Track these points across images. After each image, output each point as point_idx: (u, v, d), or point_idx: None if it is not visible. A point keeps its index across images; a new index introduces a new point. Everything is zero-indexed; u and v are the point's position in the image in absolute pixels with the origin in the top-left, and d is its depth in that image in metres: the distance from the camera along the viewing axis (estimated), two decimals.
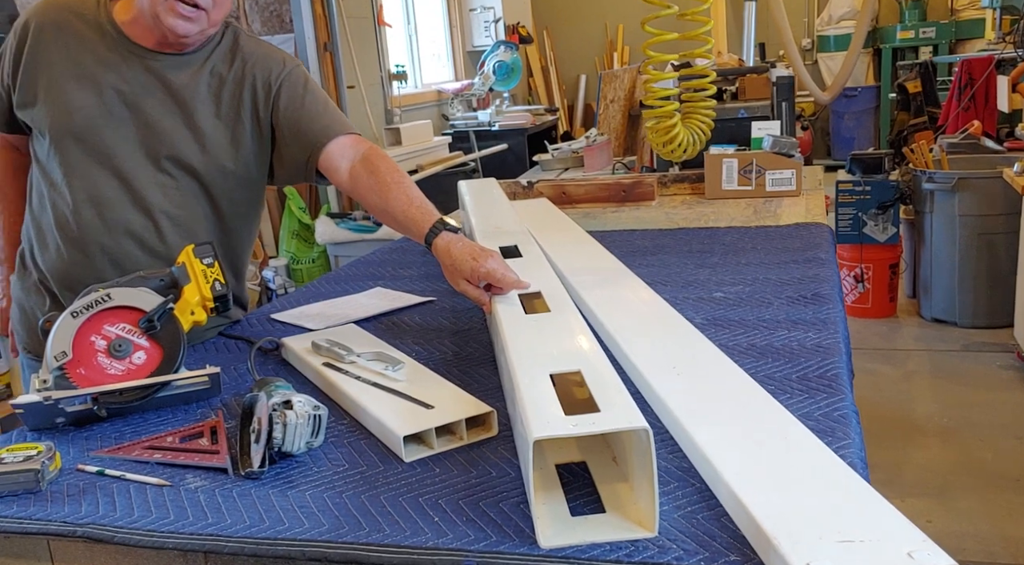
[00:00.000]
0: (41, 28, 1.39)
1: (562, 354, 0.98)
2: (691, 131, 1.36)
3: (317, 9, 4.91)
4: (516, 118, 6.17)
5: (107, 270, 1.40)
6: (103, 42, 1.40)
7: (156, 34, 1.39)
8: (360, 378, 1.16)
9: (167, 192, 1.42)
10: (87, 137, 1.38)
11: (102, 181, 1.39)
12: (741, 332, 1.31)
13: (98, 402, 1.10)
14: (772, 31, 6.36)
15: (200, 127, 1.42)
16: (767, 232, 1.96)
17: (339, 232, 4.85)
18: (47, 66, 1.38)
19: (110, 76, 1.39)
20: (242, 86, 1.45)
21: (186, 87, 1.41)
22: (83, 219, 1.40)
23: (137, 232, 1.41)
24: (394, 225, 1.41)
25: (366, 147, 1.46)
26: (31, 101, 1.39)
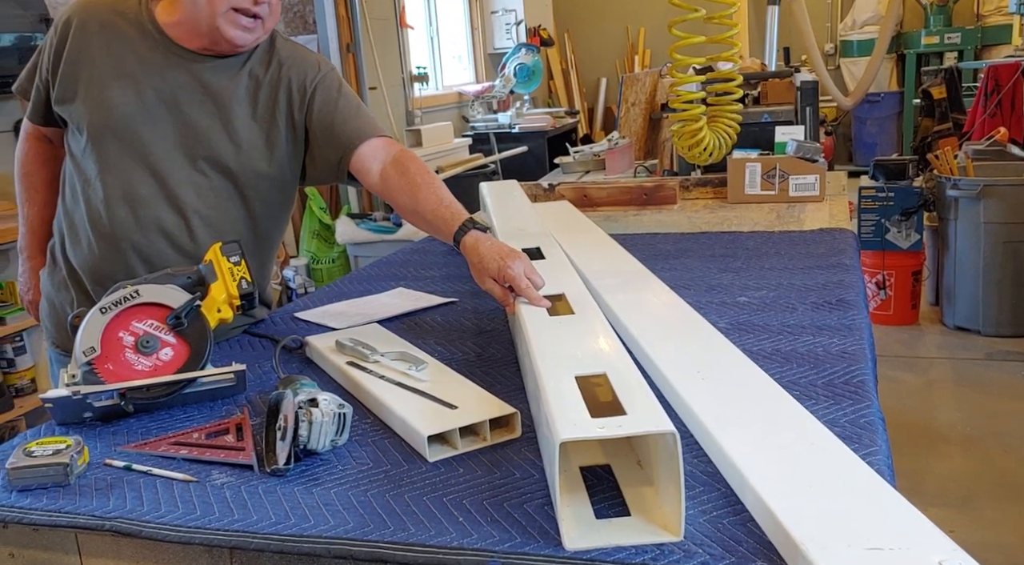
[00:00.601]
0: (83, 25, 1.40)
1: (587, 356, 0.98)
2: (717, 134, 1.36)
3: (340, 10, 4.94)
4: (536, 121, 6.17)
5: (138, 267, 1.41)
6: (144, 42, 1.41)
7: (205, 40, 1.39)
8: (384, 377, 1.16)
9: (201, 192, 1.43)
10: (124, 135, 1.39)
11: (137, 179, 1.40)
12: (765, 337, 1.31)
13: (125, 398, 1.11)
14: (795, 35, 6.33)
15: (236, 128, 1.43)
16: (791, 237, 1.95)
17: (359, 232, 4.87)
18: (88, 63, 1.40)
19: (150, 76, 1.40)
20: (278, 89, 1.46)
21: (224, 89, 1.42)
22: (116, 216, 1.41)
23: (169, 231, 1.42)
24: (423, 225, 1.42)
25: (397, 149, 1.48)
26: (70, 97, 1.41)
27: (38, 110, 1.49)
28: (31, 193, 1.59)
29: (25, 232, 1.62)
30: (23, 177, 1.59)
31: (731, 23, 1.42)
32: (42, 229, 1.60)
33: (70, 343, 1.45)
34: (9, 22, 2.79)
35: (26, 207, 1.60)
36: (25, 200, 1.60)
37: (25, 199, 1.60)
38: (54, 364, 1.59)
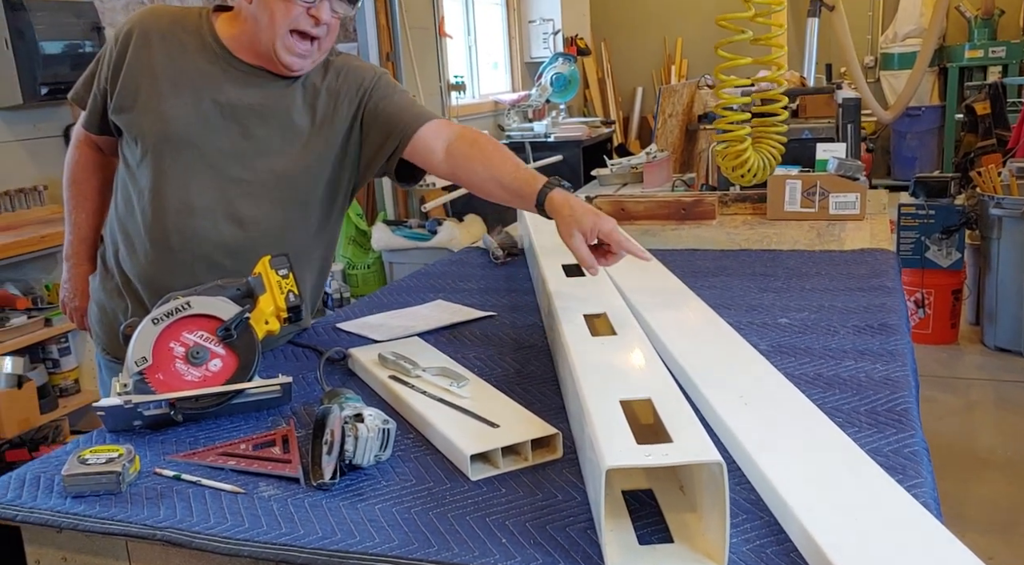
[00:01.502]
0: (145, 36, 1.43)
1: (631, 380, 0.98)
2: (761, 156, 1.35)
3: (381, 20, 4.99)
4: (572, 130, 6.18)
5: (196, 277, 1.39)
6: (204, 54, 1.43)
7: (263, 59, 1.42)
8: (426, 393, 1.18)
9: (259, 202, 1.45)
10: (182, 145, 1.41)
11: (195, 189, 1.42)
12: (807, 361, 1.30)
13: (175, 407, 1.14)
14: (834, 47, 6.27)
15: (294, 138, 1.45)
16: (831, 257, 1.93)
17: (394, 239, 4.91)
18: (148, 73, 1.42)
19: (209, 88, 1.42)
20: (336, 96, 1.48)
21: (282, 98, 1.45)
22: (174, 226, 1.43)
23: (226, 241, 1.44)
24: (500, 192, 1.41)
25: (460, 126, 1.49)
26: (128, 106, 1.43)
27: (94, 119, 1.51)
28: (80, 200, 1.61)
29: (72, 239, 1.63)
30: (72, 184, 1.60)
31: (777, 44, 1.42)
32: (91, 236, 1.62)
33: (120, 350, 1.48)
34: (62, 29, 2.87)
35: (74, 214, 1.62)
36: (74, 207, 1.62)
37: (74, 206, 1.61)
38: (103, 370, 1.62)
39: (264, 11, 1.36)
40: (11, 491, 1.02)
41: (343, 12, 1.39)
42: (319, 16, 1.35)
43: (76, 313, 1.69)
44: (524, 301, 1.74)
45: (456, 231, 4.84)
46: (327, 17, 1.36)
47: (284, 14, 1.35)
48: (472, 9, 6.45)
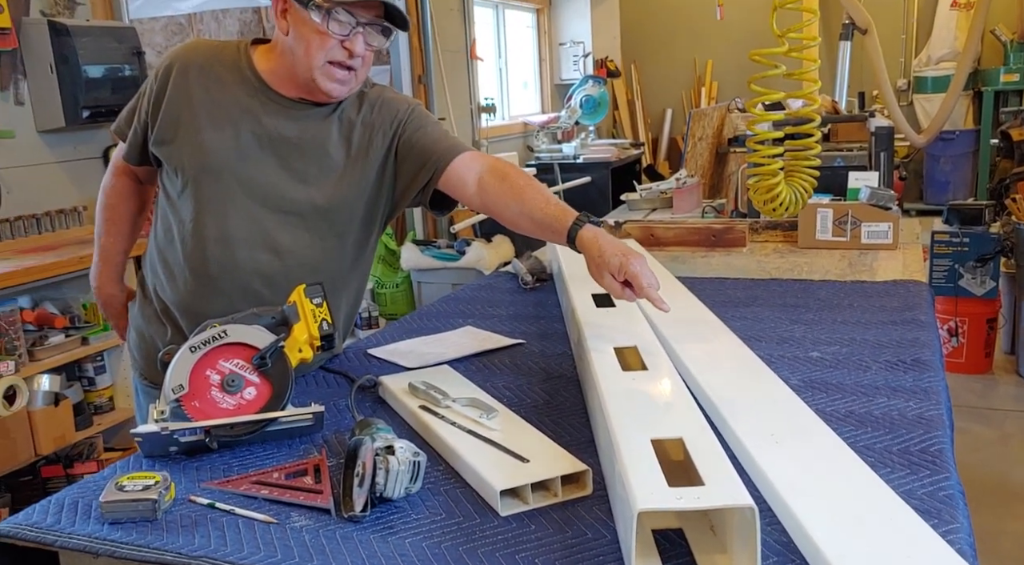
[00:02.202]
0: (185, 70, 1.46)
1: (662, 417, 0.98)
2: (793, 189, 1.35)
3: (414, 42, 5.05)
4: (601, 152, 6.20)
5: (233, 305, 1.41)
6: (243, 87, 1.46)
7: (302, 90, 1.45)
8: (456, 424, 1.19)
9: (296, 233, 1.47)
10: (222, 176, 1.44)
11: (234, 220, 1.45)
12: (839, 397, 1.29)
13: (210, 434, 1.16)
14: (866, 70, 6.24)
15: (331, 170, 1.48)
16: (863, 288, 1.92)
17: (423, 259, 4.95)
18: (188, 106, 1.45)
19: (247, 120, 1.45)
20: (371, 128, 1.50)
21: (319, 131, 1.48)
22: (213, 255, 1.45)
23: (264, 270, 1.46)
24: (531, 227, 1.42)
25: (491, 159, 1.50)
26: (169, 139, 1.46)
27: (133, 152, 1.55)
28: (110, 224, 1.64)
29: (98, 261, 1.67)
30: (106, 208, 1.64)
31: (811, 78, 1.42)
32: (116, 259, 1.66)
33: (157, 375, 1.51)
34: (104, 54, 2.94)
35: (103, 238, 1.65)
36: (104, 231, 1.65)
37: (104, 230, 1.65)
38: (140, 394, 1.64)
39: (300, 44, 1.39)
40: (50, 516, 1.04)
41: (377, 45, 1.42)
42: (353, 49, 1.38)
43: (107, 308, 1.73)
44: (553, 329, 1.74)
45: (484, 252, 4.87)
46: (361, 50, 1.39)
47: (320, 46, 1.38)
48: (503, 32, 6.51)
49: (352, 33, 1.37)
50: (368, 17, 1.38)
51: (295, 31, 1.39)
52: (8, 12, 2.72)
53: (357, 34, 1.38)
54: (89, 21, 2.99)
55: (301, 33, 1.38)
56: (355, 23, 1.37)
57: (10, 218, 2.76)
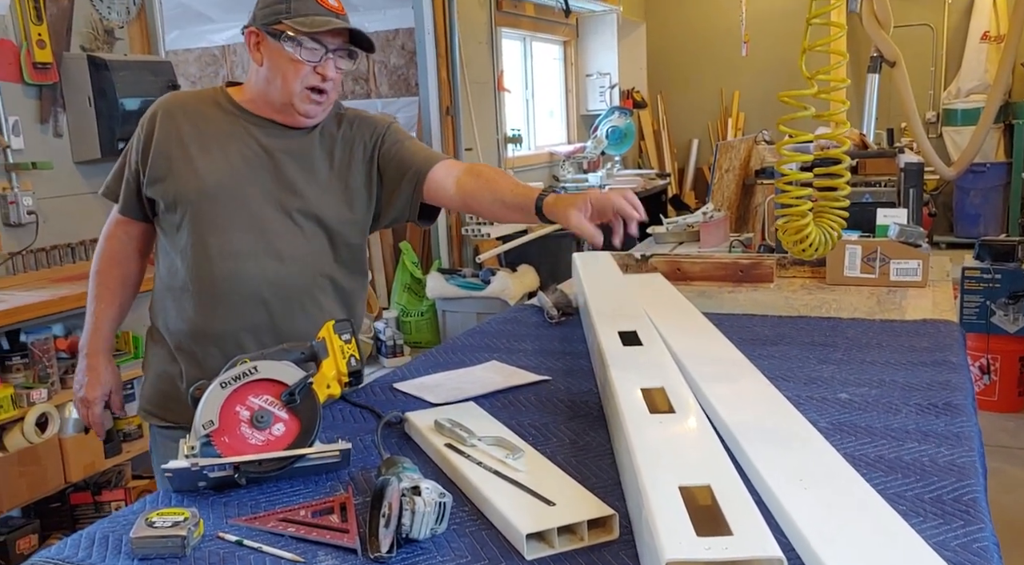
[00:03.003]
0: (170, 113, 1.57)
1: (690, 463, 0.98)
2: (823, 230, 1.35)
3: (442, 75, 5.12)
4: (627, 182, 6.22)
5: (243, 317, 1.53)
6: (225, 118, 1.58)
7: (278, 115, 1.57)
8: (482, 464, 1.19)
9: (295, 239, 1.57)
10: (220, 197, 1.53)
11: (237, 235, 1.53)
12: (868, 441, 1.28)
13: (239, 470, 1.17)
14: (894, 103, 6.21)
15: (319, 179, 1.58)
16: (892, 327, 1.90)
17: (448, 288, 4.97)
18: (178, 143, 1.55)
19: (235, 143, 1.56)
20: (352, 143, 1.62)
21: (302, 146, 1.58)
22: (220, 273, 1.53)
23: (271, 277, 1.55)
24: (506, 211, 1.55)
25: (466, 164, 1.65)
26: (163, 175, 1.54)
27: (130, 202, 1.62)
28: (101, 290, 1.65)
29: (89, 330, 1.65)
30: (96, 275, 1.66)
31: (840, 120, 1.43)
32: (106, 327, 1.65)
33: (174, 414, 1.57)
34: (140, 87, 3.01)
35: (94, 304, 1.65)
36: (95, 297, 1.65)
37: (95, 296, 1.65)
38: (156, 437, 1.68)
39: (277, 73, 1.51)
40: (81, 550, 1.06)
41: (345, 67, 1.55)
42: (325, 73, 1.51)
43: (82, 405, 1.66)
44: (579, 365, 1.74)
45: (509, 281, 4.88)
46: (332, 74, 1.52)
47: (295, 74, 1.50)
48: (531, 64, 6.58)
49: (323, 59, 1.50)
50: (336, 43, 1.51)
51: (270, 62, 1.52)
52: (50, 47, 2.80)
53: (327, 59, 1.50)
54: (127, 55, 3.07)
55: (276, 63, 1.51)
56: (325, 50, 1.49)
57: (46, 247, 2.81)
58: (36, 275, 2.76)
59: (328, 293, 1.63)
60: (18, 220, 2.71)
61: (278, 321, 1.57)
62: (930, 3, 7.26)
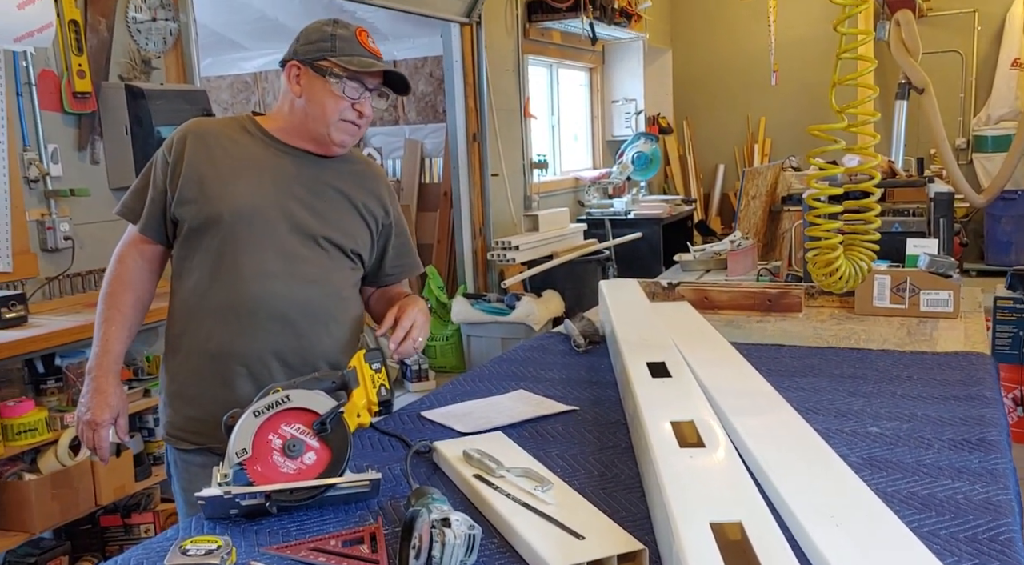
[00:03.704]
0: (200, 136, 1.61)
1: (721, 499, 0.98)
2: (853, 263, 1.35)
3: (470, 102, 5.17)
4: (653, 208, 6.22)
5: (271, 336, 1.57)
6: (257, 144, 1.63)
7: (311, 144, 1.63)
8: (510, 496, 1.19)
9: (323, 263, 1.62)
10: (254, 219, 1.57)
11: (268, 257, 1.57)
12: (900, 477, 1.26)
13: (270, 499, 1.18)
14: (922, 129, 6.18)
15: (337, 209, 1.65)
16: (923, 359, 1.88)
17: (473, 312, 4.98)
18: (210, 164, 1.59)
19: (265, 168, 1.61)
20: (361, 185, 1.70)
21: (324, 175, 1.65)
22: (251, 293, 1.56)
23: (300, 300, 1.59)
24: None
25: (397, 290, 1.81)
26: (194, 197, 1.57)
27: (152, 222, 1.62)
28: (112, 312, 1.60)
29: (97, 352, 1.60)
30: (107, 297, 1.62)
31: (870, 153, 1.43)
32: (116, 348, 1.60)
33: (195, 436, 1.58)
34: (176, 115, 3.06)
35: (103, 326, 1.60)
36: (104, 319, 1.60)
37: (105, 318, 1.60)
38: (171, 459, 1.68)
39: (316, 106, 1.58)
40: None
41: (379, 106, 1.68)
42: (363, 110, 1.60)
43: (88, 427, 1.59)
44: (606, 395, 1.74)
45: (534, 306, 4.88)
46: (369, 111, 1.61)
47: (335, 108, 1.58)
48: (557, 90, 6.63)
49: (361, 96, 1.58)
50: (374, 83, 1.59)
51: (309, 94, 1.58)
52: (90, 77, 2.87)
53: (365, 98, 1.59)
54: (163, 84, 3.14)
55: (317, 97, 1.58)
56: (364, 89, 1.58)
57: (82, 272, 2.87)
58: (71, 300, 2.81)
59: (351, 315, 1.68)
60: (55, 245, 2.77)
61: (304, 342, 1.60)
62: (959, 30, 7.23)
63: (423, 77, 5.87)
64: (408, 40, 5.72)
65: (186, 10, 3.26)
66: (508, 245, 5.17)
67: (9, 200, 2.64)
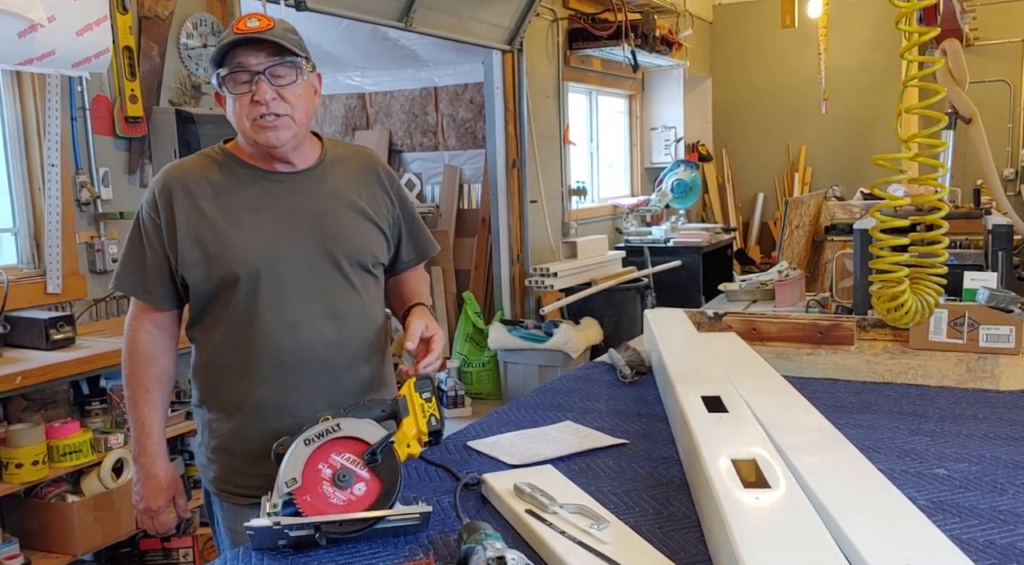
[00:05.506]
0: (181, 187, 1.49)
1: (793, 544, 0.93)
2: (919, 297, 1.30)
3: (510, 129, 5.19)
4: (692, 236, 6.16)
5: (311, 381, 1.51)
6: (238, 180, 1.51)
7: (267, 159, 1.51)
8: (565, 534, 1.15)
9: (346, 292, 1.56)
10: (266, 269, 1.49)
11: (291, 305, 1.50)
12: (975, 523, 1.20)
13: (320, 530, 1.16)
14: (969, 160, 6.06)
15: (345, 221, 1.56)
16: (987, 398, 1.81)
17: (510, 339, 4.96)
18: (203, 220, 1.48)
19: (259, 206, 1.50)
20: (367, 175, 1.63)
21: (319, 191, 1.55)
22: (283, 345, 1.50)
23: (330, 337, 1.53)
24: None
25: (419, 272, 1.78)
26: (198, 259, 1.48)
27: (161, 293, 1.52)
28: (140, 393, 1.54)
29: (137, 436, 1.54)
30: (130, 377, 1.54)
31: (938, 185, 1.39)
32: (155, 429, 1.54)
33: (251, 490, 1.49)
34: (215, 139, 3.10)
35: (135, 410, 1.54)
36: (134, 403, 1.54)
37: (134, 401, 1.54)
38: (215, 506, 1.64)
39: (232, 116, 1.48)
40: None
41: (287, 77, 1.44)
42: (261, 98, 1.42)
43: (147, 515, 1.57)
44: (656, 428, 1.70)
45: (572, 334, 4.84)
46: (268, 93, 1.42)
47: (239, 110, 1.45)
48: (596, 117, 6.63)
49: (254, 82, 1.42)
50: (261, 61, 1.42)
51: (228, 112, 1.48)
52: (141, 102, 2.92)
53: (259, 81, 1.42)
54: (212, 109, 3.19)
55: (230, 110, 1.47)
56: (250, 75, 1.42)
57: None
58: (116, 322, 2.84)
59: (383, 334, 1.63)
60: (103, 267, 2.81)
61: (344, 377, 1.56)
62: (1006, 59, 7.12)
63: (463, 103, 5.91)
64: (449, 67, 5.77)
65: None
66: (546, 272, 5.14)
67: (61, 222, 2.68)
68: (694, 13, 7.32)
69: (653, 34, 5.84)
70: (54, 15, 2.39)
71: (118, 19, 2.78)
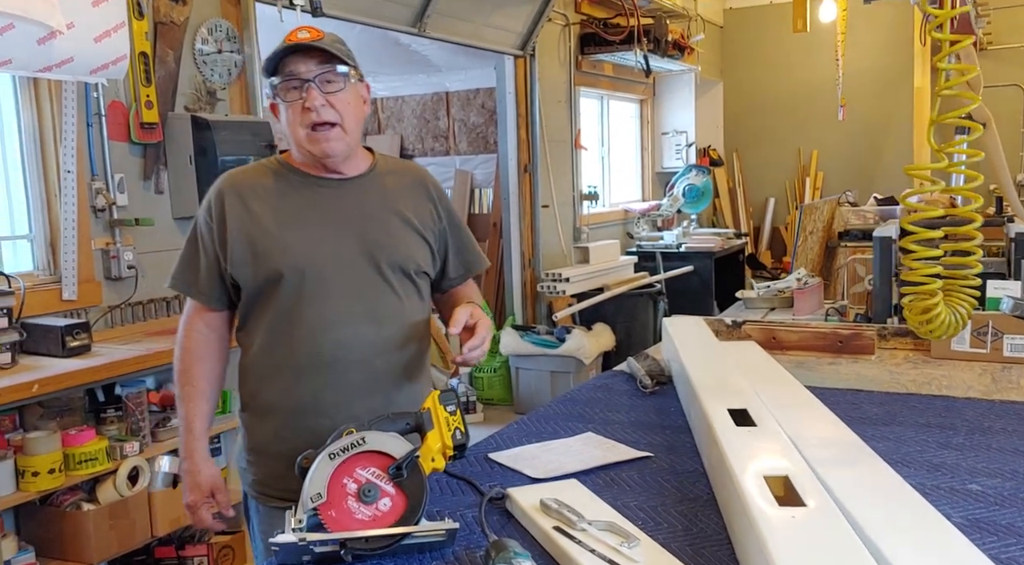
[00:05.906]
0: (236, 192, 1.55)
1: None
2: (952, 309, 1.28)
3: (522, 134, 5.17)
4: (704, 241, 6.14)
5: (351, 384, 1.53)
6: (290, 186, 1.57)
7: (319, 168, 1.56)
8: (595, 552, 1.13)
9: (388, 297, 1.57)
10: (312, 269, 1.52)
11: (333, 304, 1.52)
12: (1013, 542, 1.18)
13: (345, 547, 1.14)
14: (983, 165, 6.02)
15: (392, 229, 1.59)
16: (1016, 410, 1.78)
17: (522, 344, 4.94)
18: (254, 222, 1.53)
19: (308, 211, 1.55)
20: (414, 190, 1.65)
21: (369, 197, 1.59)
22: (327, 344, 1.52)
23: (372, 340, 1.55)
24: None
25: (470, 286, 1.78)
26: (248, 259, 1.52)
27: (213, 292, 1.57)
28: (188, 390, 1.58)
29: (183, 432, 1.58)
30: (181, 373, 1.59)
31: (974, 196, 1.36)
32: (197, 427, 1.58)
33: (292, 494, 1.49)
34: (240, 146, 3.09)
35: (183, 406, 1.58)
36: (183, 398, 1.58)
37: (183, 397, 1.58)
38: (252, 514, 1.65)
39: (287, 127, 1.52)
40: None
41: (335, 84, 1.49)
42: (311, 105, 1.47)
43: (190, 511, 1.59)
44: (680, 440, 1.67)
45: (584, 340, 4.82)
46: (318, 100, 1.47)
47: (293, 121, 1.50)
48: (607, 122, 6.61)
49: (304, 89, 1.47)
50: (312, 70, 1.47)
51: (282, 121, 1.53)
52: (157, 108, 2.92)
53: (309, 88, 1.47)
54: (227, 116, 3.18)
55: (283, 119, 1.52)
56: (301, 83, 1.47)
57: (143, 301, 2.89)
58: (132, 329, 2.83)
59: (423, 341, 1.64)
60: (119, 274, 2.80)
61: (383, 381, 1.57)
62: (1019, 63, 7.07)
63: (475, 108, 5.90)
64: (461, 72, 5.76)
65: (251, 43, 3.30)
66: (558, 277, 5.13)
67: (77, 228, 2.67)
68: (706, 18, 7.30)
69: (665, 39, 5.83)
70: (72, 22, 2.38)
71: (134, 25, 2.77)
